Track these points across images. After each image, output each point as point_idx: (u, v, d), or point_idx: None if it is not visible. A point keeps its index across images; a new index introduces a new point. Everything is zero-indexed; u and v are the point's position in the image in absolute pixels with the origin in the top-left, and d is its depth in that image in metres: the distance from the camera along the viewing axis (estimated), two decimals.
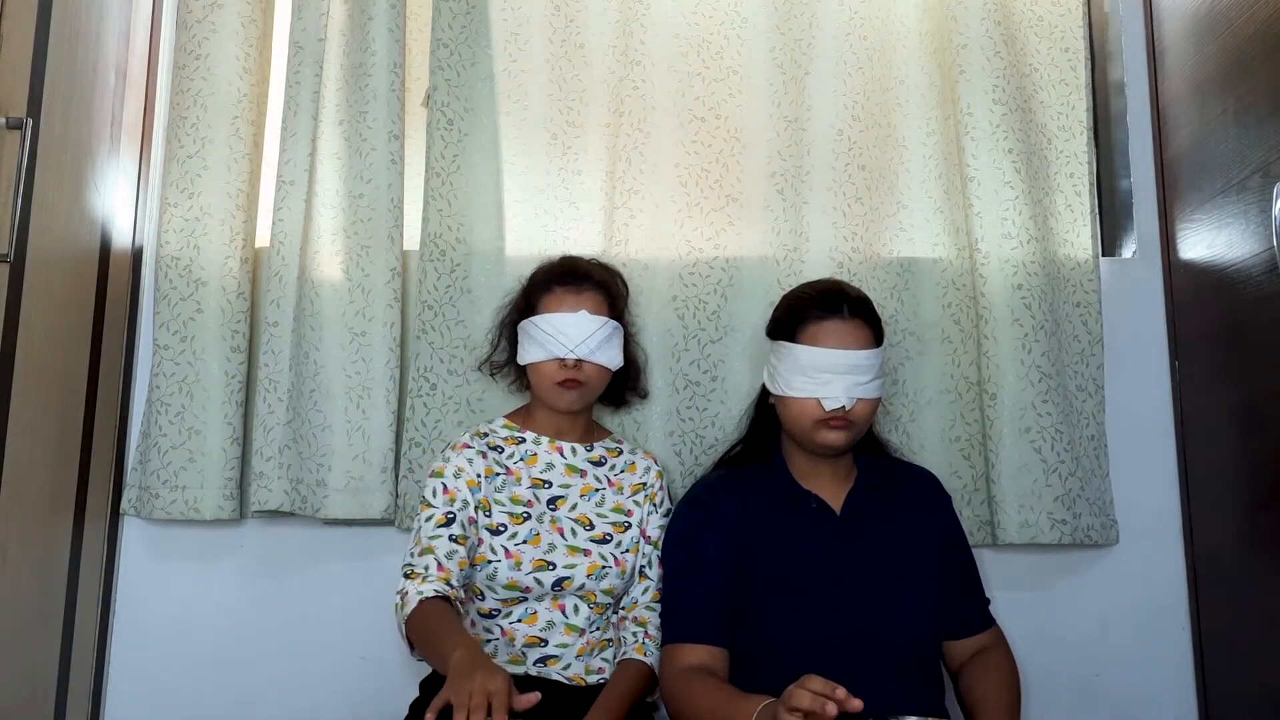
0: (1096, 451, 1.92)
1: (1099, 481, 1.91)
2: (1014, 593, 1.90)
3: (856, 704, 1.19)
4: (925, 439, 1.92)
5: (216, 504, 1.83)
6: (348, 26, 1.94)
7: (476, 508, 1.60)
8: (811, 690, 1.21)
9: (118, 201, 1.87)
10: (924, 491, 1.69)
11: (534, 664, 1.59)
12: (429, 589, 1.47)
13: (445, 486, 1.60)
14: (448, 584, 1.49)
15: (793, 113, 1.98)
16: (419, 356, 1.88)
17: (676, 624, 1.56)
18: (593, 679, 1.60)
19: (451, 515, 1.58)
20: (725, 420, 1.89)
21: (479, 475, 1.62)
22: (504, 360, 1.78)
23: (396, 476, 1.85)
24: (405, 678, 1.75)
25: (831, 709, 1.18)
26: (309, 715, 1.88)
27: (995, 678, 1.60)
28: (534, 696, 1.23)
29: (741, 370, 1.91)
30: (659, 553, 1.68)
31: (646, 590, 1.66)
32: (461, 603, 1.56)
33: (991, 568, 1.89)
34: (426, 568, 1.51)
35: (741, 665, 1.54)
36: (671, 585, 1.59)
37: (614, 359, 1.67)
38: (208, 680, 1.89)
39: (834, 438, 1.55)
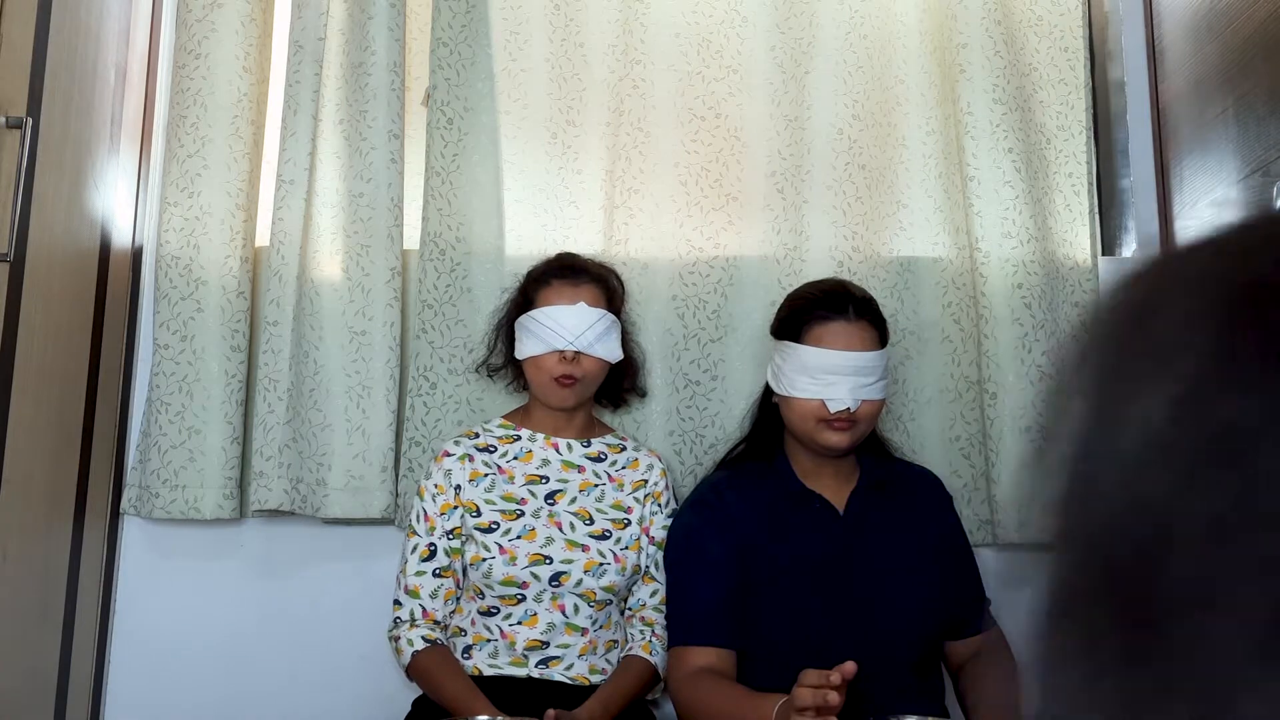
0: None
1: None
2: (1014, 592, 1.90)
3: (849, 668, 1.21)
4: (925, 438, 1.92)
5: (216, 503, 1.83)
6: (347, 26, 1.94)
7: (451, 532, 1.65)
8: (810, 686, 1.21)
9: (117, 201, 1.86)
10: (926, 491, 1.69)
11: (535, 666, 1.59)
12: (418, 638, 1.60)
13: (425, 513, 1.67)
14: (435, 623, 1.63)
15: (793, 112, 1.98)
16: (419, 356, 1.88)
17: (683, 626, 1.55)
18: (596, 679, 1.60)
19: (433, 547, 1.64)
20: (726, 420, 1.88)
21: (457, 486, 1.65)
22: (501, 362, 1.79)
23: (396, 476, 1.85)
24: (405, 677, 1.75)
25: (833, 697, 1.18)
26: (309, 715, 1.88)
27: (995, 678, 1.60)
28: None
29: (742, 369, 1.91)
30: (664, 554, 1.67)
31: (655, 593, 1.66)
32: (446, 626, 1.66)
33: (991, 567, 1.88)
34: (413, 613, 1.63)
35: (744, 664, 1.53)
36: (677, 587, 1.59)
37: (613, 352, 1.67)
38: (207, 679, 1.88)
39: (838, 439, 1.54)
